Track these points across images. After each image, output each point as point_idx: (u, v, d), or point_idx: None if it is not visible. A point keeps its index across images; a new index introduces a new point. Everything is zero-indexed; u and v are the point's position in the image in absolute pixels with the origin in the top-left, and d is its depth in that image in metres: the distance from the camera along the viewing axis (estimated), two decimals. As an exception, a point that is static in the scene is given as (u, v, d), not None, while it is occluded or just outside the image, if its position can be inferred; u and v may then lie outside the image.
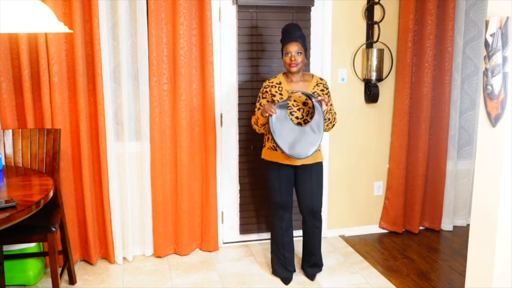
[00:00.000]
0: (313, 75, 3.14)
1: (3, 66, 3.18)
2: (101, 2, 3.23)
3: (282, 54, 3.04)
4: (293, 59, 2.97)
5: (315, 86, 3.07)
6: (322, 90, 3.07)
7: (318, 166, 3.15)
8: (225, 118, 3.71)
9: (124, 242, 3.60)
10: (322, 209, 3.97)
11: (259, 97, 3.15)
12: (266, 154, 3.16)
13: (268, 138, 3.13)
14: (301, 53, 2.99)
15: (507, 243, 2.36)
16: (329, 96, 3.11)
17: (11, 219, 2.15)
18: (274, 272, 3.37)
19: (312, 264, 3.36)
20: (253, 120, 3.15)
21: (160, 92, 3.46)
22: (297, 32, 3.01)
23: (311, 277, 3.33)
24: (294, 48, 2.97)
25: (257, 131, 3.16)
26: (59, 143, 3.10)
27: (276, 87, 3.07)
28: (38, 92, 3.25)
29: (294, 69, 3.00)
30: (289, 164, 3.08)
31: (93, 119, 3.38)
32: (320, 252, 3.37)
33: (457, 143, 4.16)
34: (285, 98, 3.01)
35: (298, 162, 3.05)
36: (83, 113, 3.28)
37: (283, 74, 3.13)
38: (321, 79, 3.13)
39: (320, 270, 3.40)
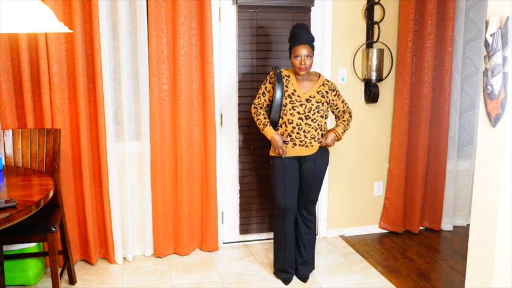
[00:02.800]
0: (319, 75, 3.16)
1: (3, 66, 3.18)
2: (101, 2, 3.23)
3: (290, 54, 3.06)
4: (303, 63, 2.99)
5: (320, 86, 3.10)
6: (327, 92, 3.09)
7: (323, 157, 3.16)
8: (225, 118, 3.71)
9: (124, 242, 3.60)
10: (323, 209, 4.02)
11: (266, 80, 3.16)
12: (273, 150, 3.17)
13: None
14: (310, 56, 3.01)
15: (507, 243, 2.36)
16: (338, 96, 3.17)
17: (11, 219, 2.15)
18: (275, 273, 3.37)
19: (304, 262, 3.33)
20: (257, 121, 3.15)
21: (160, 92, 3.46)
22: (308, 34, 3.02)
23: (304, 279, 3.31)
24: (304, 51, 2.99)
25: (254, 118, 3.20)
26: (59, 143, 3.10)
27: (285, 78, 3.09)
28: (38, 92, 3.25)
29: (303, 72, 3.03)
30: (295, 155, 3.09)
31: (93, 119, 3.38)
32: (313, 251, 3.35)
33: (457, 143, 4.16)
34: (290, 91, 3.03)
35: (303, 153, 3.08)
36: (83, 113, 3.28)
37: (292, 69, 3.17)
38: (328, 80, 3.16)
39: (312, 269, 3.37)
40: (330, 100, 3.11)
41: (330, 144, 3.12)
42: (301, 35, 3.00)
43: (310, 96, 3.05)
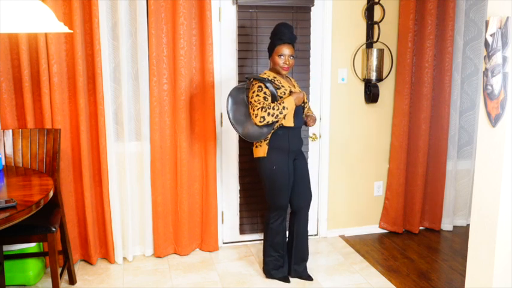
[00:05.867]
0: (290, 78, 3.27)
1: (3, 66, 3.19)
2: (101, 2, 3.23)
3: (272, 53, 3.05)
4: (287, 62, 3.02)
5: (296, 82, 3.23)
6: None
7: (304, 155, 3.25)
8: (225, 118, 3.71)
9: (124, 242, 3.60)
10: (323, 209, 4.02)
11: (261, 88, 2.95)
12: (266, 150, 3.10)
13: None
14: (293, 56, 3.04)
15: (507, 243, 2.36)
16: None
17: (11, 219, 2.15)
18: (270, 275, 3.32)
19: (301, 260, 3.32)
20: (275, 111, 2.89)
21: (160, 92, 3.46)
22: (291, 34, 3.03)
23: (308, 277, 3.31)
24: (287, 51, 3.01)
25: (271, 121, 2.94)
26: (59, 143, 3.10)
27: (274, 81, 3.07)
28: (38, 92, 3.25)
29: (285, 72, 3.06)
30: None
31: (93, 119, 3.38)
32: (307, 246, 3.35)
33: (457, 143, 4.16)
34: (287, 88, 3.06)
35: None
36: (83, 113, 3.28)
37: (269, 70, 3.14)
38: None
39: (307, 261, 3.37)
40: None
41: (313, 123, 3.19)
42: (287, 34, 3.01)
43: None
